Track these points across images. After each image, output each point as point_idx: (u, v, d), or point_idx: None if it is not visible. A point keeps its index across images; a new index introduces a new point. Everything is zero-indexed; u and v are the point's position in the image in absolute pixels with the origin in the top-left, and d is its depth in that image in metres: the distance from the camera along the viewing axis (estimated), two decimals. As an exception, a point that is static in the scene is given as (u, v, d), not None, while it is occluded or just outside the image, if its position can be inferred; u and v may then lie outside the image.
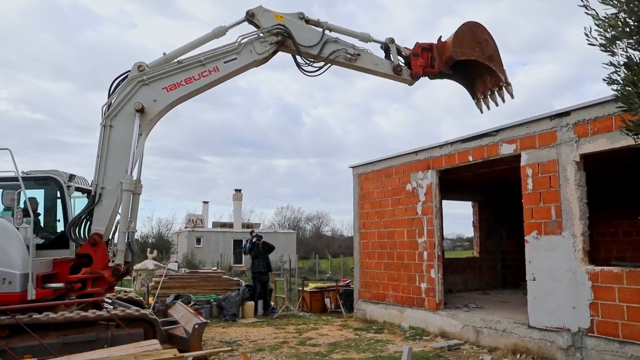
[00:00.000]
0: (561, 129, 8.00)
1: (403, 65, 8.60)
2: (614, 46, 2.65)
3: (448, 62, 8.55)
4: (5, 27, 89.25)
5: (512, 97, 8.52)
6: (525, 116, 8.72)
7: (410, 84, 8.83)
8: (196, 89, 8.18)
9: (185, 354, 5.97)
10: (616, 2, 2.52)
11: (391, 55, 8.59)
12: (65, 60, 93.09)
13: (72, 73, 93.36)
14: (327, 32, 8.39)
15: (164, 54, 8.21)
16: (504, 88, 8.52)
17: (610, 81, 2.72)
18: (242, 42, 8.16)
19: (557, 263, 7.85)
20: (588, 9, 2.63)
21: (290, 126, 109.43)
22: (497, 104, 8.71)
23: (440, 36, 8.69)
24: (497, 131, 9.17)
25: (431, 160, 10.77)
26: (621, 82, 2.64)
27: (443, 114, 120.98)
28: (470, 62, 8.51)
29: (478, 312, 10.08)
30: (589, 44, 2.74)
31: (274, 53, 8.32)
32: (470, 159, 9.78)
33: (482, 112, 8.95)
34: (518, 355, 8.06)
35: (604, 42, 2.64)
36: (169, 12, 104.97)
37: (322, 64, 8.36)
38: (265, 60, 8.32)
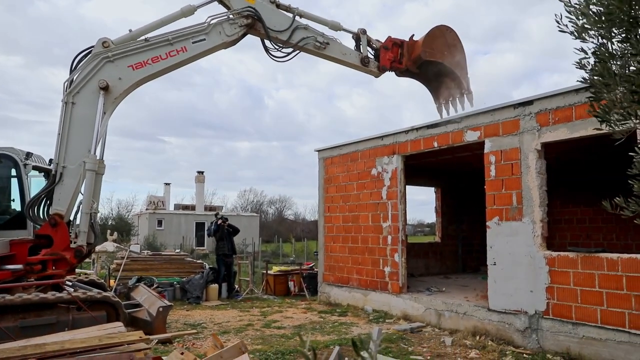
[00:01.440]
0: (524, 118, 8.19)
1: (371, 57, 8.71)
2: (585, 34, 2.71)
3: (416, 61, 8.73)
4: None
5: (472, 105, 8.86)
6: (486, 105, 8.97)
7: (377, 76, 8.96)
8: (163, 69, 8.02)
9: (151, 337, 5.91)
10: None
11: (361, 46, 8.67)
12: (14, 32, 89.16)
13: (22, 46, 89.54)
14: (297, 18, 8.36)
15: (130, 30, 7.98)
16: (465, 95, 8.78)
17: (580, 66, 2.79)
18: (211, 22, 8.04)
19: (517, 248, 8.09)
20: (560, -5, 2.69)
21: (253, 108, 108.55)
22: (456, 110, 9.05)
23: (413, 35, 8.85)
24: (462, 118, 9.32)
25: (397, 145, 10.88)
26: (591, 69, 2.72)
27: (406, 99, 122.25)
28: (436, 65, 8.73)
29: (440, 295, 10.33)
30: (559, 30, 2.80)
31: (244, 36, 8.24)
32: (436, 145, 9.92)
33: (441, 116, 9.27)
34: (477, 337, 8.31)
35: (575, 29, 2.70)
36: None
37: (290, 50, 8.33)
38: (234, 42, 8.23)
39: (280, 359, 7.14)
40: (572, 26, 2.68)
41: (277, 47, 8.31)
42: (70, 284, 8.61)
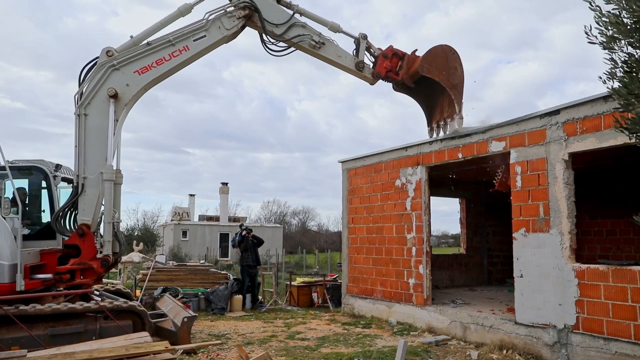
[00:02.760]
0: (550, 128, 8.08)
1: (368, 63, 8.66)
2: (614, 44, 2.68)
3: (413, 75, 8.66)
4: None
5: (459, 130, 8.96)
6: (509, 114, 8.90)
7: (371, 82, 8.89)
8: (168, 70, 8.17)
9: (176, 347, 5.96)
10: (617, 0, 2.55)
11: (359, 51, 8.63)
12: (44, 48, 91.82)
13: (52, 61, 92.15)
14: (297, 16, 8.41)
15: (131, 36, 8.15)
16: (455, 119, 8.78)
17: (610, 76, 2.75)
18: (209, 18, 8.17)
19: (545, 260, 7.94)
20: (592, 5, 2.66)
21: (275, 120, 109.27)
22: (444, 133, 9.03)
23: (416, 49, 8.77)
24: (486, 129, 9.23)
25: (421, 156, 10.82)
26: (619, 80, 2.68)
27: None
28: (432, 84, 8.62)
29: (465, 308, 10.18)
30: (589, 41, 2.77)
31: (243, 28, 8.36)
32: (460, 156, 9.83)
33: (430, 137, 9.20)
34: (504, 351, 8.16)
35: (604, 40, 2.67)
36: (150, 1, 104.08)
37: (286, 45, 8.38)
38: (234, 35, 8.36)
39: (304, 370, 7.11)
40: (602, 37, 2.66)
41: (273, 42, 8.36)
42: (97, 293, 8.76)
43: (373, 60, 8.72)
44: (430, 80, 8.54)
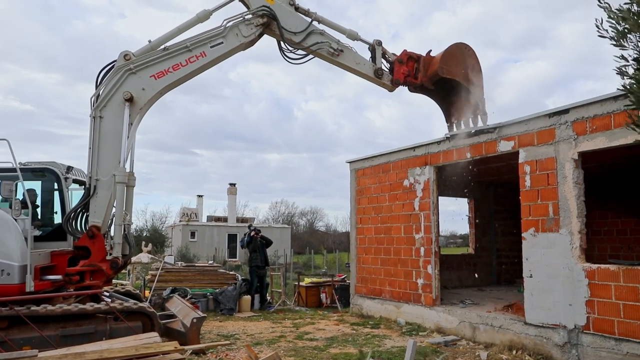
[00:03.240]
0: (560, 127, 8.03)
1: (385, 69, 8.55)
2: (625, 40, 2.66)
3: (432, 77, 8.52)
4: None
5: (485, 125, 8.77)
6: (517, 113, 8.81)
7: (390, 89, 8.78)
8: (184, 75, 8.18)
9: (186, 347, 5.99)
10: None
11: (376, 58, 8.53)
12: (53, 50, 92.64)
13: (60, 64, 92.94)
14: (315, 23, 8.36)
15: (149, 41, 8.17)
16: (479, 117, 8.64)
17: (621, 74, 2.73)
18: (227, 25, 8.14)
19: (554, 260, 7.90)
20: (601, 1, 2.64)
21: (282, 120, 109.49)
22: (469, 131, 8.93)
23: (430, 50, 8.66)
24: (495, 128, 9.19)
25: (429, 156, 10.80)
26: (631, 77, 2.66)
27: (435, 109, 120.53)
28: (451, 83, 8.52)
29: (474, 308, 10.14)
30: (599, 35, 2.75)
31: (260, 36, 8.32)
32: (468, 155, 9.80)
33: (450, 132, 9.14)
34: (514, 352, 8.12)
35: (614, 34, 2.65)
36: (157, 3, 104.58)
37: (304, 53, 8.34)
38: (252, 43, 8.32)
39: (313, 371, 7.12)
40: (613, 31, 2.64)
41: (291, 50, 8.32)
42: (107, 294, 8.81)
43: (388, 66, 8.65)
44: (448, 79, 8.46)
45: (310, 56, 8.40)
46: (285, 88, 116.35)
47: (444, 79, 8.42)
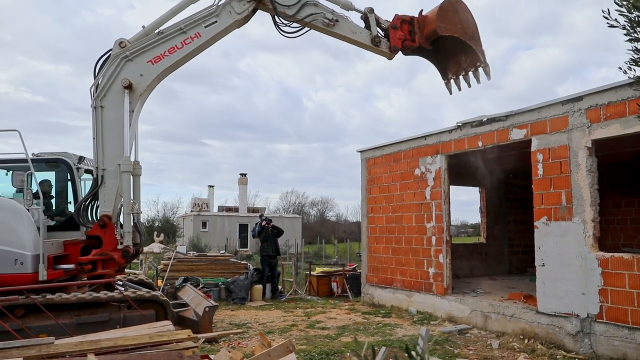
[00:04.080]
0: (573, 114, 7.94)
1: (382, 37, 8.39)
2: (637, 31, 2.61)
3: (429, 37, 8.32)
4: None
5: (489, 78, 8.42)
6: (528, 101, 8.66)
7: (389, 57, 8.62)
8: (181, 58, 8.14)
9: (199, 335, 6.04)
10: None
11: (370, 26, 8.37)
12: (63, 42, 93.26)
13: (70, 55, 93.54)
14: None
15: (143, 27, 8.14)
16: (480, 69, 8.36)
17: (635, 63, 2.68)
18: (220, 3, 8.08)
19: (567, 249, 7.85)
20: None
21: (292, 110, 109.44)
22: (469, 85, 8.57)
23: (422, 10, 8.46)
24: (507, 116, 9.11)
25: (440, 145, 10.74)
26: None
27: (445, 98, 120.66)
28: (446, 40, 8.28)
29: (486, 297, 10.12)
30: (609, 25, 2.70)
31: (254, 11, 8.24)
32: (480, 144, 9.73)
33: (451, 93, 8.83)
34: (526, 340, 8.10)
35: (626, 23, 2.59)
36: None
37: (300, 26, 8.23)
38: (246, 19, 8.25)
39: (324, 359, 7.15)
40: (625, 21, 2.58)
41: (285, 23, 8.22)
42: (121, 283, 8.90)
43: (383, 34, 8.48)
44: (443, 37, 8.21)
45: (306, 29, 8.25)
46: (294, 78, 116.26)
47: (439, 37, 8.21)
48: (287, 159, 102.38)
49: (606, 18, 2.69)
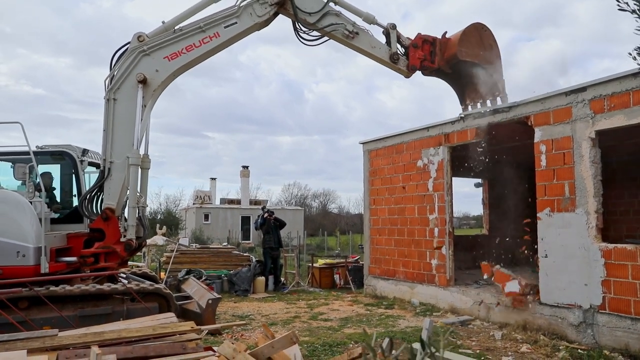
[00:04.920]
0: (577, 105, 7.90)
1: (401, 54, 8.35)
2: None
3: (450, 61, 8.33)
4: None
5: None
6: (530, 93, 8.59)
7: (407, 75, 8.59)
8: (198, 56, 8.09)
9: (202, 327, 6.06)
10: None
11: (391, 42, 8.33)
12: (63, 34, 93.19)
13: (70, 47, 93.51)
14: (331, 4, 8.17)
15: (163, 22, 8.08)
16: (499, 98, 8.45)
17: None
18: (241, 5, 8.01)
19: (570, 240, 7.83)
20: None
21: (293, 102, 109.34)
22: (482, 111, 8.67)
23: (445, 32, 8.44)
24: (510, 107, 9.06)
25: (443, 136, 10.70)
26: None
27: (447, 90, 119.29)
28: (467, 65, 8.30)
29: (488, 288, 10.12)
30: (619, 9, 2.66)
31: (275, 15, 8.17)
32: (483, 135, 9.70)
33: (464, 113, 8.90)
34: (528, 332, 8.11)
35: (637, 6, 2.56)
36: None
37: (319, 34, 8.18)
38: (266, 23, 8.18)
39: (327, 350, 7.16)
40: (635, 4, 2.54)
41: (305, 31, 8.16)
42: (124, 276, 8.92)
43: (403, 50, 8.44)
44: (469, 61, 8.24)
45: (325, 38, 8.22)
46: (295, 70, 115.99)
47: (461, 62, 8.21)
48: (289, 151, 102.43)
49: (618, 0, 2.65)
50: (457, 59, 8.15)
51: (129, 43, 8.04)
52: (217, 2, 8.11)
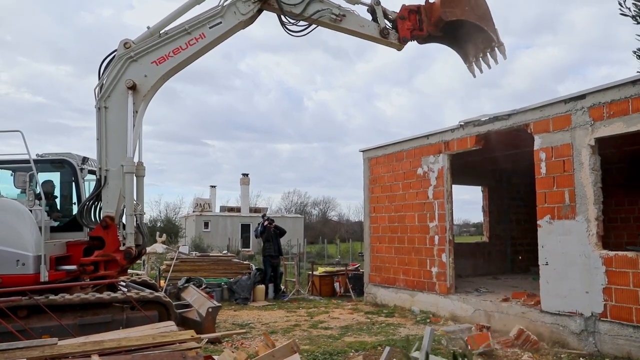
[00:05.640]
0: (576, 113, 7.91)
1: (390, 28, 8.29)
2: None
3: (437, 24, 8.21)
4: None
5: (505, 57, 8.29)
6: (529, 100, 8.57)
7: (399, 48, 8.51)
8: (185, 59, 8.10)
9: (202, 336, 6.03)
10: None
11: (377, 18, 8.26)
12: (63, 42, 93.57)
13: (70, 55, 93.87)
14: None
15: (148, 27, 8.10)
16: (496, 49, 8.23)
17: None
18: (224, 4, 8.00)
19: (571, 248, 7.82)
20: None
21: (292, 110, 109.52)
22: (489, 67, 8.44)
23: None
24: (509, 115, 9.08)
25: (443, 144, 10.71)
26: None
27: (446, 97, 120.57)
28: (461, 23, 8.16)
29: (489, 296, 10.10)
30: (621, 14, 2.69)
31: (259, 12, 8.16)
32: (483, 142, 9.71)
33: (474, 75, 8.61)
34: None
35: (637, 13, 2.58)
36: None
37: (306, 24, 8.15)
38: (251, 20, 8.18)
39: (328, 359, 7.14)
40: (635, 10, 2.56)
41: (292, 22, 8.14)
42: (124, 284, 8.90)
43: (390, 25, 8.37)
44: (456, 20, 8.08)
45: (313, 26, 8.18)
46: (294, 78, 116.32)
47: (453, 21, 8.09)
48: (288, 159, 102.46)
49: (620, 5, 2.67)
50: (443, 21, 8.05)
51: (115, 51, 8.07)
52: (200, 4, 8.13)
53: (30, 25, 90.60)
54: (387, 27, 8.29)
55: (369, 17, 8.40)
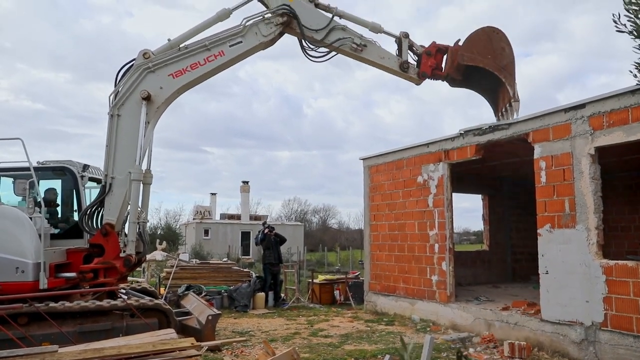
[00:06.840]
0: (576, 122, 7.94)
1: (412, 63, 8.30)
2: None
3: (457, 67, 8.21)
4: None
5: (516, 114, 8.12)
6: (530, 109, 8.53)
7: (417, 83, 8.53)
8: (202, 75, 8.13)
9: (202, 343, 6.03)
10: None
11: (402, 50, 8.29)
12: (62, 49, 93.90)
13: (70, 62, 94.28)
14: (336, 18, 8.16)
15: (169, 40, 8.13)
16: (511, 104, 8.08)
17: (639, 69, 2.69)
18: (246, 24, 8.03)
19: (571, 256, 7.82)
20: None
21: (291, 117, 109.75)
22: (511, 119, 8.31)
23: (459, 39, 8.31)
24: (509, 124, 9.11)
25: (443, 152, 10.73)
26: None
27: (445, 105, 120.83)
28: (479, 70, 8.11)
29: (489, 305, 10.08)
30: (617, 30, 2.71)
31: (280, 35, 8.18)
32: (483, 151, 9.74)
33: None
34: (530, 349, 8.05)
35: (634, 28, 2.61)
36: (164, 1, 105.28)
37: (327, 50, 8.18)
38: (271, 42, 8.20)
39: (328, 367, 7.12)
40: (631, 25, 2.59)
41: (312, 47, 8.15)
42: (124, 291, 8.89)
43: (416, 59, 8.37)
44: (480, 67, 8.05)
45: (333, 53, 8.21)
46: (293, 85, 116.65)
47: (475, 68, 8.06)
48: (287, 166, 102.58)
49: (615, 22, 2.70)
50: (461, 64, 8.04)
51: (134, 59, 8.10)
52: (223, 21, 8.15)
53: (29, 32, 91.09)
54: (408, 61, 8.25)
55: (392, 46, 8.39)
